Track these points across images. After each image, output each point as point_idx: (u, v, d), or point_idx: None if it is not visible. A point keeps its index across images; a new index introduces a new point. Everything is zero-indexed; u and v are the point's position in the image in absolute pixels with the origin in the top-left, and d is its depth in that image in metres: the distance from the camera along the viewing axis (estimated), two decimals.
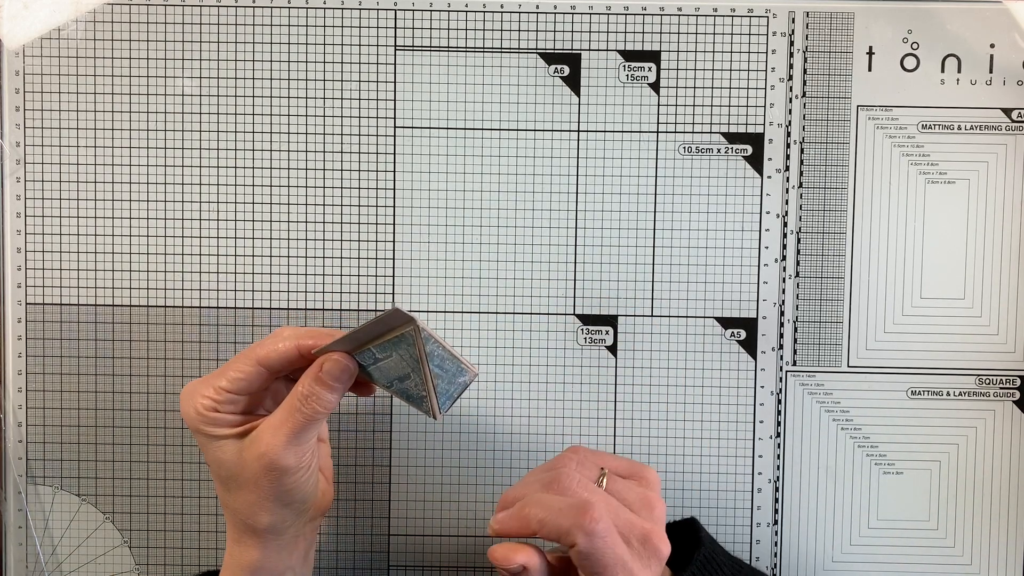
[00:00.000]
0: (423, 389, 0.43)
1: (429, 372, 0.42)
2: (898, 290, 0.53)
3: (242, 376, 0.43)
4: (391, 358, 0.42)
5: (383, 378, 0.43)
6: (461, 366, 0.43)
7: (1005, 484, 0.53)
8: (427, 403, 0.43)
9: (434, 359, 0.42)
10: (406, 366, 0.43)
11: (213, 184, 0.53)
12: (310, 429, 0.42)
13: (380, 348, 0.42)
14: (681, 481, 0.53)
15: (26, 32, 0.52)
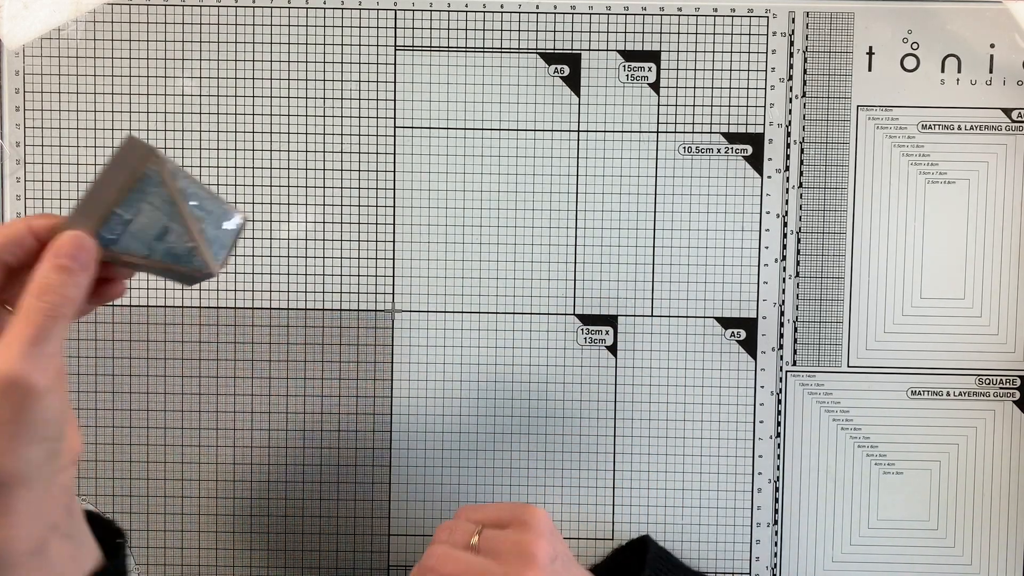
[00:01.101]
0: (188, 239, 0.36)
1: (190, 214, 0.36)
2: (898, 290, 0.53)
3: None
4: (141, 214, 0.36)
5: (140, 246, 0.36)
6: (224, 208, 0.37)
7: (1005, 484, 0.53)
8: (198, 256, 0.37)
9: (192, 198, 0.36)
10: (161, 216, 0.36)
11: (213, 184, 0.53)
12: (53, 332, 0.34)
13: (126, 206, 0.36)
14: (681, 481, 0.53)
15: (26, 32, 0.52)
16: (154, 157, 0.36)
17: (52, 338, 0.34)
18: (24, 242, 0.35)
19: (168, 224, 0.36)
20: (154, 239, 0.36)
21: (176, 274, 0.38)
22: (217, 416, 0.53)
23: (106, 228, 0.36)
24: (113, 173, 0.36)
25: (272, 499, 0.53)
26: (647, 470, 0.53)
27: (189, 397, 0.53)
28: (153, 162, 0.36)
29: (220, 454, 0.53)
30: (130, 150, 0.35)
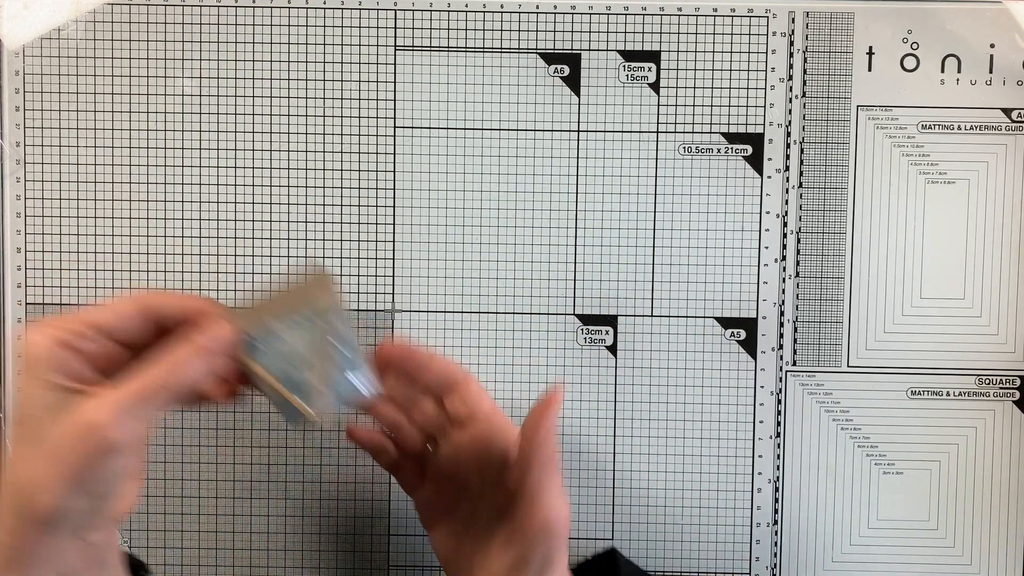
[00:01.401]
0: (320, 381, 0.37)
1: (334, 360, 0.37)
2: (898, 290, 0.53)
3: (119, 313, 0.35)
4: (294, 339, 0.37)
5: (276, 366, 0.37)
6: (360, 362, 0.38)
7: (1005, 484, 0.53)
8: (318, 400, 0.37)
9: (345, 347, 0.38)
10: (310, 350, 0.37)
11: (213, 184, 0.53)
12: (154, 400, 0.34)
13: (285, 326, 0.37)
14: (681, 481, 0.53)
15: (26, 32, 0.52)
16: (333, 298, 0.37)
17: (150, 405, 0.34)
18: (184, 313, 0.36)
19: (311, 359, 0.37)
20: (291, 366, 0.37)
21: (287, 405, 0.38)
22: (217, 416, 0.53)
23: (260, 338, 0.37)
24: (290, 293, 0.37)
25: (272, 499, 0.53)
26: (647, 470, 0.53)
27: None
28: (330, 301, 0.37)
29: (220, 454, 0.53)
30: (317, 280, 0.37)
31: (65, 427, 0.33)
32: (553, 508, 0.38)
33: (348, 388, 0.38)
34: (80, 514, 0.34)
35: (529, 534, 0.38)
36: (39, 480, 0.33)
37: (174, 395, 0.35)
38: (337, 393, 0.38)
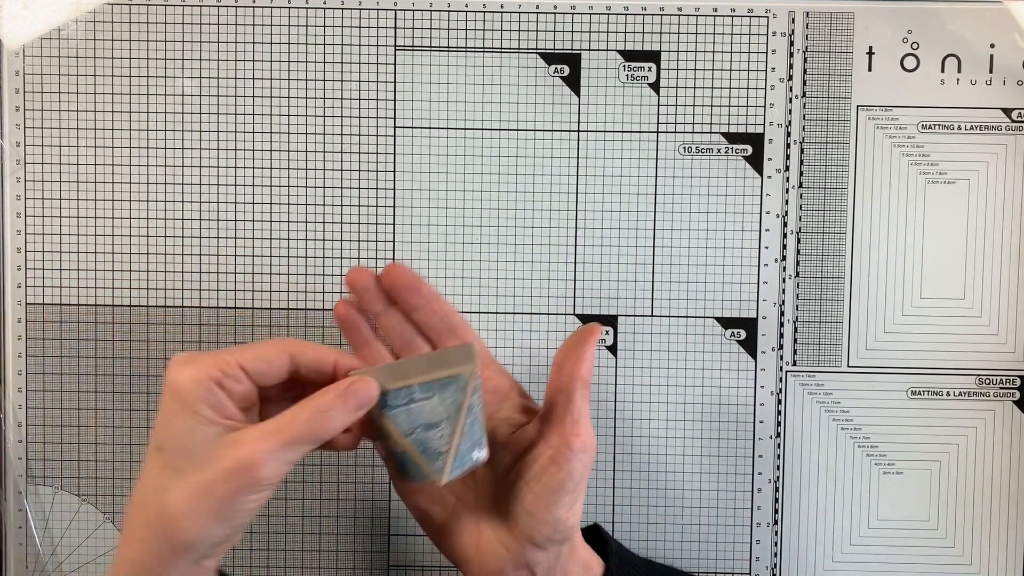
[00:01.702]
0: (446, 444, 0.39)
1: (462, 427, 0.39)
2: (898, 290, 0.53)
3: (268, 360, 0.38)
4: (430, 400, 0.39)
5: (407, 424, 0.39)
6: (482, 439, 0.40)
7: (1005, 484, 0.53)
8: (441, 461, 0.39)
9: (472, 417, 0.39)
10: (442, 414, 0.39)
11: (213, 184, 0.53)
12: (300, 446, 0.36)
13: (424, 388, 0.39)
14: (681, 481, 0.53)
15: (26, 32, 0.52)
16: (475, 370, 0.39)
17: (297, 449, 0.36)
18: (324, 366, 0.39)
19: (442, 423, 0.39)
20: (422, 426, 0.39)
21: (410, 463, 0.40)
22: None
23: (395, 394, 0.39)
24: (434, 358, 0.39)
25: (272, 499, 0.53)
26: (647, 470, 0.53)
27: None
28: (472, 373, 0.39)
29: None
30: (462, 352, 0.39)
31: (221, 462, 0.35)
32: (591, 432, 0.41)
33: (468, 463, 0.40)
34: (214, 543, 0.36)
35: (573, 454, 0.40)
36: (189, 509, 0.35)
37: (315, 442, 0.37)
38: (461, 464, 0.40)
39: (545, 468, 0.40)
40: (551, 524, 0.40)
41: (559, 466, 0.40)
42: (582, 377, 0.41)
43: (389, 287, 0.43)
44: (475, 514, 0.43)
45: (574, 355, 0.41)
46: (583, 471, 0.40)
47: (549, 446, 0.40)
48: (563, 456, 0.40)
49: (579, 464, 0.40)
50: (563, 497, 0.40)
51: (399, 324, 0.43)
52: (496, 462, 0.42)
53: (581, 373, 0.41)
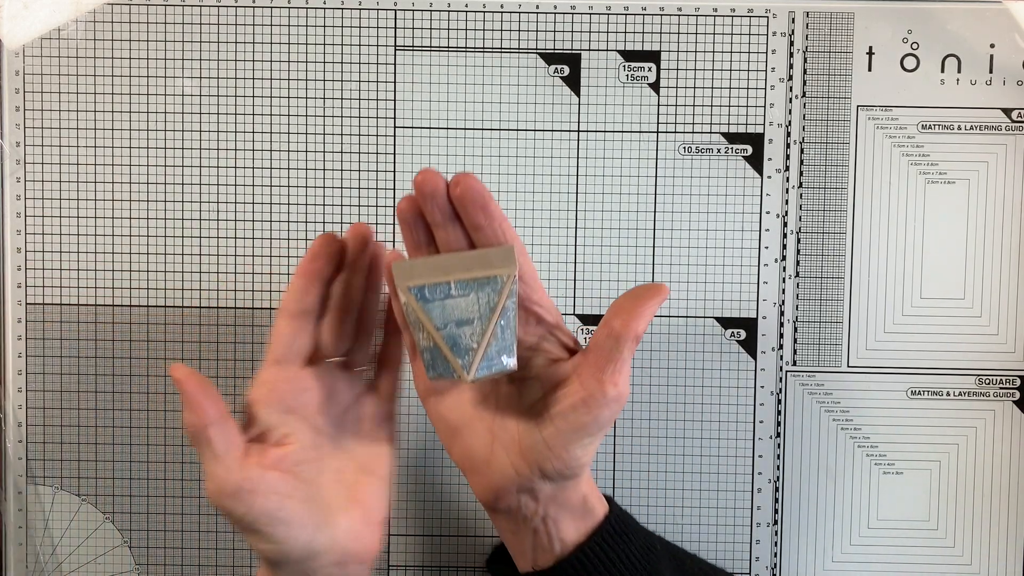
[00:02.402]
0: (477, 342, 0.39)
1: (495, 327, 0.39)
2: (898, 290, 0.53)
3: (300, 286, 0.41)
4: (466, 298, 0.39)
5: (441, 319, 0.39)
6: (513, 346, 0.40)
7: (1005, 484, 0.53)
8: (470, 357, 0.39)
9: (504, 319, 0.39)
10: (476, 312, 0.39)
11: (213, 184, 0.53)
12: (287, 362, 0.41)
13: (461, 284, 0.39)
14: (681, 481, 0.53)
15: (26, 32, 0.52)
16: (513, 274, 0.39)
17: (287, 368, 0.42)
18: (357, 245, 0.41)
19: (474, 321, 0.39)
20: (454, 322, 0.39)
21: (439, 358, 0.40)
22: None
23: (433, 288, 0.39)
24: (475, 257, 0.39)
25: None
26: (647, 470, 0.53)
27: None
28: (509, 276, 0.39)
29: None
30: (502, 253, 0.38)
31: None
32: (628, 386, 0.40)
33: (496, 367, 0.39)
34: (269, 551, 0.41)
35: (605, 400, 0.39)
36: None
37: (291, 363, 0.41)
38: (488, 366, 0.39)
39: (574, 407, 0.39)
40: (565, 460, 0.40)
41: (588, 408, 0.39)
42: (636, 331, 0.39)
43: (457, 199, 0.39)
44: (491, 431, 0.42)
45: (635, 308, 0.40)
46: (610, 419, 0.40)
47: (583, 387, 0.39)
48: (595, 400, 0.39)
49: (608, 411, 0.39)
50: (584, 438, 0.40)
51: (457, 242, 0.40)
52: (525, 390, 0.42)
53: (636, 327, 0.39)
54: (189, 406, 0.39)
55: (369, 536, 0.42)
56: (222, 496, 0.39)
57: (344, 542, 0.41)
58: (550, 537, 0.41)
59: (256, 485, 0.39)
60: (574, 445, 0.40)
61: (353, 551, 0.41)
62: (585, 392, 0.39)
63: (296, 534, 0.39)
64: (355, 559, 0.41)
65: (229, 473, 0.39)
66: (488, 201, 0.38)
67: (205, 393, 0.39)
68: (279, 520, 0.39)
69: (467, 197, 0.38)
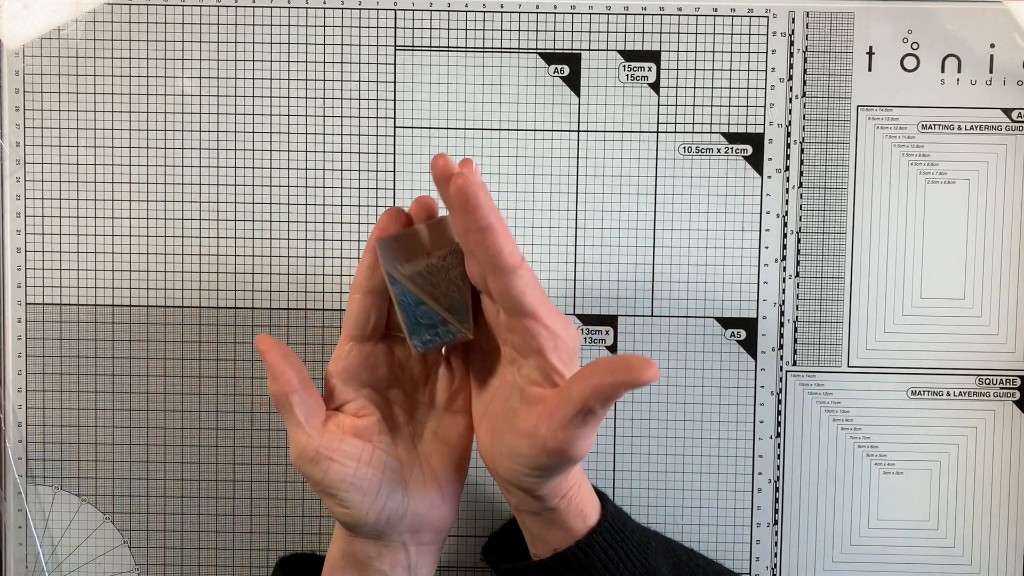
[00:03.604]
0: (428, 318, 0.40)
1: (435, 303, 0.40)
2: (898, 290, 0.53)
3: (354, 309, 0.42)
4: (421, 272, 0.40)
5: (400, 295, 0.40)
6: (467, 318, 0.41)
7: (1005, 484, 0.53)
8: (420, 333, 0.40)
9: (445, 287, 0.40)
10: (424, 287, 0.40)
11: (213, 184, 0.53)
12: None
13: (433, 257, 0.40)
14: (681, 481, 0.53)
15: (26, 32, 0.52)
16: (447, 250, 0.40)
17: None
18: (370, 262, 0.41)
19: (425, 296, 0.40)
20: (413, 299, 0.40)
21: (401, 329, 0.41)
22: (217, 416, 0.53)
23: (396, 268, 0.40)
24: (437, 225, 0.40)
25: (272, 499, 0.53)
26: (647, 470, 0.53)
27: (189, 397, 0.53)
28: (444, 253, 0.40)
29: (220, 454, 0.53)
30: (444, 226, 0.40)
31: None
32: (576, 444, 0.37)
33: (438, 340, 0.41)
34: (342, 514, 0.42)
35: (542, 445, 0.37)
36: None
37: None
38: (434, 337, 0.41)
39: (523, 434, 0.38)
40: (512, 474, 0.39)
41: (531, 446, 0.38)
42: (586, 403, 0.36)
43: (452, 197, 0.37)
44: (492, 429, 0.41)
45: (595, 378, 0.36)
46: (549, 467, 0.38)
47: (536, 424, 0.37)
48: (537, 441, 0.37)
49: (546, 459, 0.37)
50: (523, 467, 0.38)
51: None
52: (511, 396, 0.40)
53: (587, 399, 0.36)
54: (273, 375, 0.40)
55: (443, 506, 0.43)
56: (302, 460, 0.40)
57: (417, 510, 0.42)
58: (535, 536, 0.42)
59: (333, 452, 0.40)
60: (517, 467, 0.39)
61: (427, 519, 0.42)
62: (534, 428, 0.38)
63: (370, 500, 0.41)
64: (429, 527, 0.43)
65: (309, 439, 0.40)
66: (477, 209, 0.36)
67: (288, 362, 0.40)
68: (354, 486, 0.40)
69: (458, 200, 0.36)
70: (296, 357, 0.41)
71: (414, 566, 0.43)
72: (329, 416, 0.42)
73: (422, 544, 0.43)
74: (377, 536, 0.42)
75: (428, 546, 0.43)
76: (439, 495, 0.43)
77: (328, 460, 0.40)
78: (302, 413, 0.40)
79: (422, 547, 0.43)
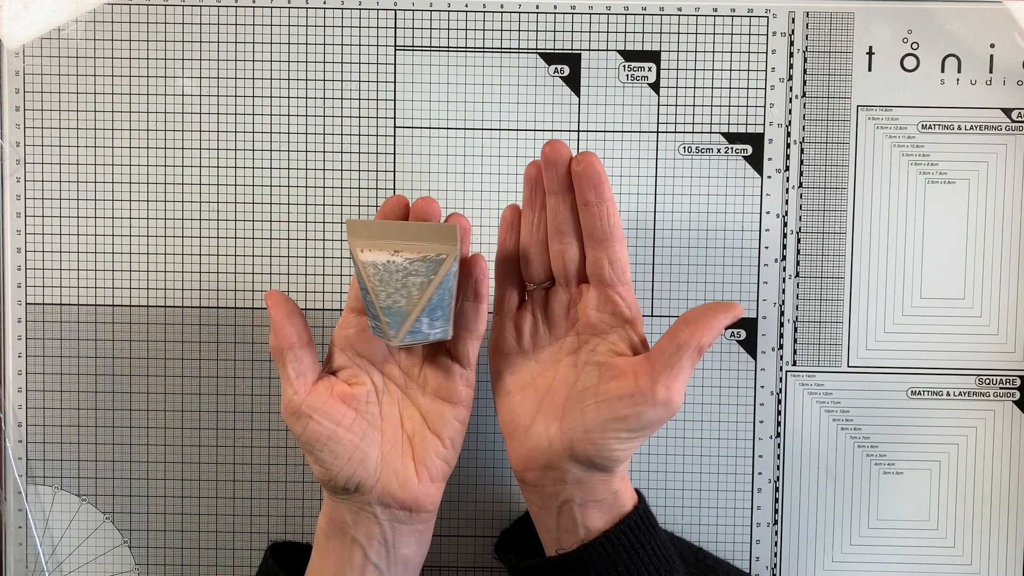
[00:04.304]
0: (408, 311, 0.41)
1: (426, 301, 0.41)
2: (898, 290, 0.53)
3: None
4: (408, 267, 0.41)
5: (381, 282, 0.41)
6: (448, 319, 0.42)
7: (1005, 484, 0.53)
8: (399, 324, 0.41)
9: (442, 291, 0.41)
10: (415, 282, 0.41)
11: (213, 184, 0.53)
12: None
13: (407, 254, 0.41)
14: (681, 481, 0.53)
15: (26, 32, 0.52)
16: (454, 252, 0.41)
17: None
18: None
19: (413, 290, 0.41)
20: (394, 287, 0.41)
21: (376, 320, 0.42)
22: (217, 416, 0.53)
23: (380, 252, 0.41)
24: (423, 229, 0.41)
25: (272, 499, 0.53)
26: (647, 470, 0.53)
27: (189, 397, 0.53)
28: (449, 253, 0.41)
29: (220, 454, 0.53)
30: (447, 231, 0.40)
31: None
32: (681, 393, 0.41)
33: (421, 337, 0.42)
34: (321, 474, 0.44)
35: (654, 400, 0.40)
36: None
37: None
38: (414, 335, 0.42)
39: (620, 398, 0.41)
40: (598, 448, 0.41)
41: (634, 403, 0.41)
42: (699, 343, 0.41)
43: (576, 174, 0.42)
44: (540, 402, 0.43)
45: (703, 320, 0.41)
46: (654, 421, 0.41)
47: (636, 382, 0.41)
48: (643, 396, 0.41)
49: (653, 412, 0.40)
50: (621, 432, 0.41)
51: (563, 212, 0.43)
52: (583, 373, 0.43)
53: (701, 339, 0.41)
54: (274, 330, 0.43)
55: (419, 488, 0.43)
56: (286, 414, 0.43)
57: (388, 485, 0.43)
58: (574, 521, 0.42)
59: (314, 411, 0.42)
60: (610, 436, 0.41)
61: (399, 498, 0.43)
62: (636, 387, 0.41)
63: (341, 464, 0.42)
64: (400, 504, 0.43)
65: (295, 395, 0.42)
66: (602, 183, 0.42)
67: (290, 320, 0.43)
68: (327, 447, 0.42)
69: (585, 174, 0.41)
70: (300, 316, 0.43)
71: (391, 543, 0.44)
72: (322, 377, 0.44)
73: (397, 522, 0.44)
74: (348, 500, 0.43)
75: (405, 525, 0.44)
76: (414, 476, 0.43)
77: (308, 418, 0.42)
78: (294, 370, 0.43)
79: (398, 524, 0.44)
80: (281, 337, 0.42)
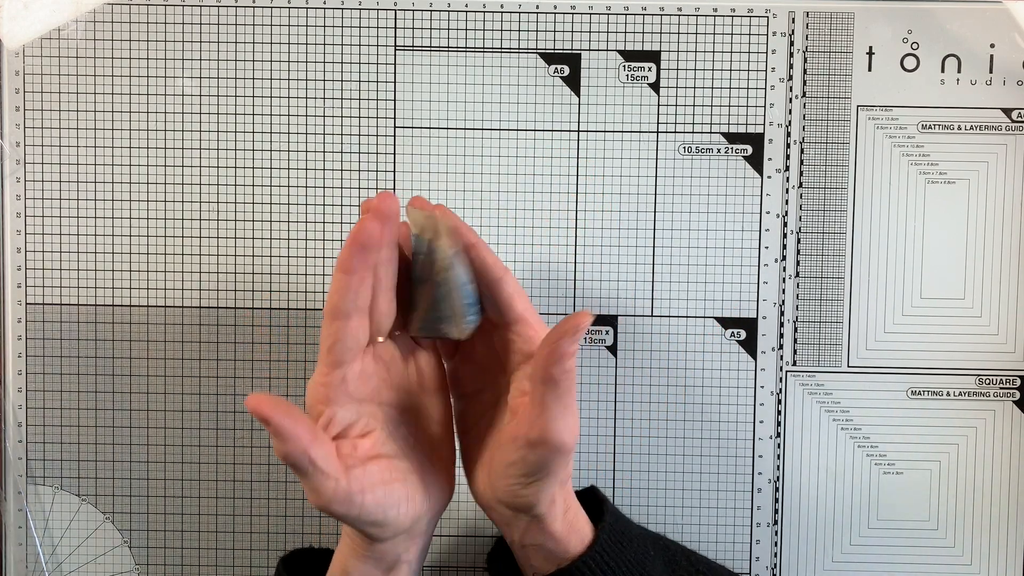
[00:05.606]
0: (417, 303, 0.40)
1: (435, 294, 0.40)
2: (898, 290, 0.53)
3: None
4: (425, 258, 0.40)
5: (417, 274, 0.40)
6: (459, 316, 0.40)
7: (1005, 484, 0.53)
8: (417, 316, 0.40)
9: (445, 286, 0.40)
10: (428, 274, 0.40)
11: (213, 184, 0.53)
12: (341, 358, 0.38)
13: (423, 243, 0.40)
14: (681, 481, 0.53)
15: (26, 32, 0.52)
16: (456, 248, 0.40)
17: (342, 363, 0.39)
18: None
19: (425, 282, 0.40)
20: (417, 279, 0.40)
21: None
22: (217, 416, 0.53)
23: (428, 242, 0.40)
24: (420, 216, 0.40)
25: (272, 499, 0.53)
26: (647, 470, 0.53)
27: (189, 397, 0.53)
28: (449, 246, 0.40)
29: (220, 454, 0.53)
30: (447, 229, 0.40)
31: None
32: (555, 425, 0.37)
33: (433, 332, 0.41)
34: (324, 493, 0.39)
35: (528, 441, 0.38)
36: None
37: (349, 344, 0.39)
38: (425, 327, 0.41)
39: (511, 442, 0.39)
40: (507, 492, 0.40)
41: (517, 448, 0.38)
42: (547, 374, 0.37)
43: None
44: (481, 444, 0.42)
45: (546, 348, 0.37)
46: (541, 463, 0.38)
47: (516, 426, 0.39)
48: (520, 441, 0.38)
49: (533, 455, 0.38)
50: (518, 476, 0.39)
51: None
52: (499, 413, 0.42)
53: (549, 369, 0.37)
54: (283, 437, 0.36)
55: (448, 480, 0.43)
56: (333, 505, 0.38)
57: (437, 496, 0.42)
58: (527, 560, 0.42)
59: (363, 485, 0.38)
60: (511, 480, 0.39)
61: (444, 500, 0.43)
62: (515, 431, 0.39)
63: (405, 511, 0.40)
64: (444, 505, 0.43)
65: (338, 484, 0.38)
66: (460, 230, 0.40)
67: (294, 420, 0.36)
68: (389, 506, 0.39)
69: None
70: (296, 409, 0.37)
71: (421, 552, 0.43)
72: (339, 447, 0.39)
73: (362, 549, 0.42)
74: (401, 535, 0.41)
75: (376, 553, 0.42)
76: (444, 472, 0.42)
77: (360, 495, 0.38)
78: (323, 462, 0.37)
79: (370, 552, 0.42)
80: (297, 441, 0.36)
